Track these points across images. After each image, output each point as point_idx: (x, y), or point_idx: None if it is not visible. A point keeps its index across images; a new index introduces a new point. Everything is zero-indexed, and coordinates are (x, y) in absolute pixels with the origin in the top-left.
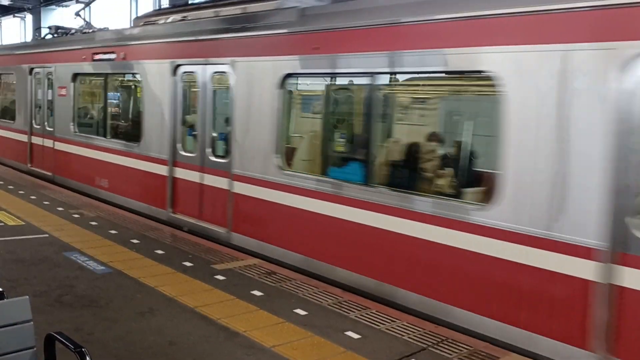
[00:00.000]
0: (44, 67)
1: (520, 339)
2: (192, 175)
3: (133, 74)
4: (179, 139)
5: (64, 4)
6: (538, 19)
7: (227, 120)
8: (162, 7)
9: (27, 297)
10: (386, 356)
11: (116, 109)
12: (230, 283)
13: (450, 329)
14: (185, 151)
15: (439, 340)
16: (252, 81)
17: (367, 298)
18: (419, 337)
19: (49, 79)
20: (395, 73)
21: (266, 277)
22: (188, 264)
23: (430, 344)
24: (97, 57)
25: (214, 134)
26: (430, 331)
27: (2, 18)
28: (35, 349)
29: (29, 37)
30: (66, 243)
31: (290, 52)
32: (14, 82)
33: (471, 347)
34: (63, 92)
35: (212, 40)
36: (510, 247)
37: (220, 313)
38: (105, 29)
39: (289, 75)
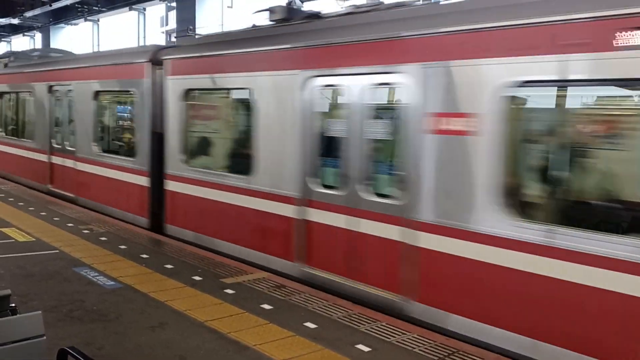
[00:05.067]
0: None
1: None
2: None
3: None
4: None
5: (73, 22)
6: None
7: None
8: None
9: (40, 312)
10: None
11: None
12: (239, 297)
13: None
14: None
15: (450, 352)
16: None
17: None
18: (430, 350)
19: None
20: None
21: (275, 290)
22: (197, 278)
23: (441, 356)
24: None
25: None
26: (441, 343)
27: (12, 37)
28: None
29: None
30: (76, 258)
31: None
32: None
33: (482, 359)
34: None
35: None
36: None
37: (230, 327)
38: None
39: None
